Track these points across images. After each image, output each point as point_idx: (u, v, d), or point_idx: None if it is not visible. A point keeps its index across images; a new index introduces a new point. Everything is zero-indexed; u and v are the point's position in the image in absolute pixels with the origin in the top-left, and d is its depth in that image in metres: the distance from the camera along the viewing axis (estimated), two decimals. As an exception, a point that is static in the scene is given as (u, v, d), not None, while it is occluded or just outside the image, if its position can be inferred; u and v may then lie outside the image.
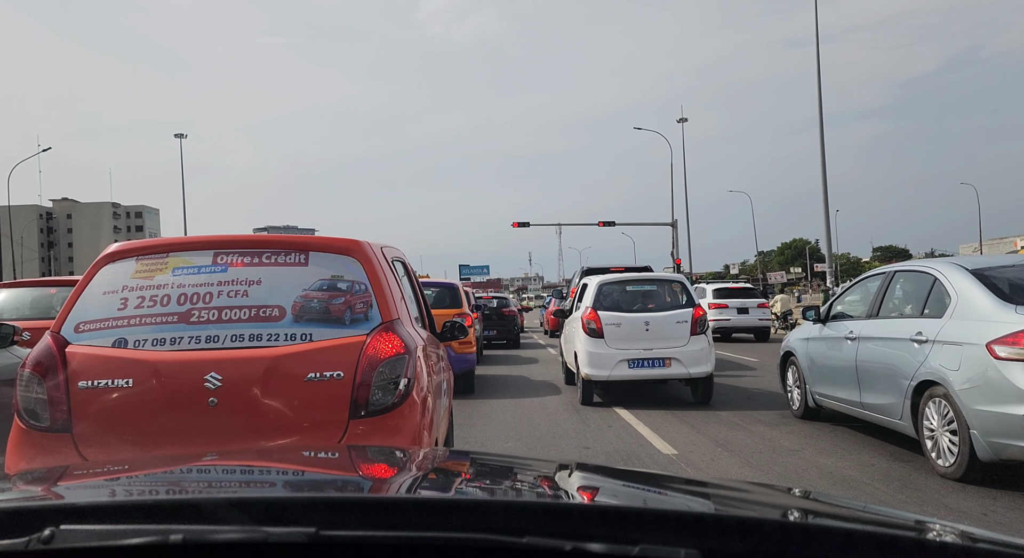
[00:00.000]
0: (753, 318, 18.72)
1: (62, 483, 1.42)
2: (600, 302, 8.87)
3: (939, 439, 4.95)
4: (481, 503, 1.12)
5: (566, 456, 6.02)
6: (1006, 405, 4.36)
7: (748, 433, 6.77)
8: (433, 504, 1.08)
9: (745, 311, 18.65)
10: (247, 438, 2.98)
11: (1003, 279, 4.96)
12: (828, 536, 0.94)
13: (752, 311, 18.73)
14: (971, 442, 4.59)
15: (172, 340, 3.07)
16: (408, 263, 4.69)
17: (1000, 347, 4.44)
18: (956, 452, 4.77)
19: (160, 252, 3.29)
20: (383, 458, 1.80)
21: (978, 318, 4.74)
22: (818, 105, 23.97)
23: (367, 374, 3.05)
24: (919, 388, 5.12)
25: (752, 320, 18.70)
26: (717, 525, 0.96)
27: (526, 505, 1.12)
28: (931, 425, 5.03)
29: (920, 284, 5.58)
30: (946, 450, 4.88)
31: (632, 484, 1.43)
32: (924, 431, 5.12)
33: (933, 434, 5.02)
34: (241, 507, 0.96)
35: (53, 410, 2.98)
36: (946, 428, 4.87)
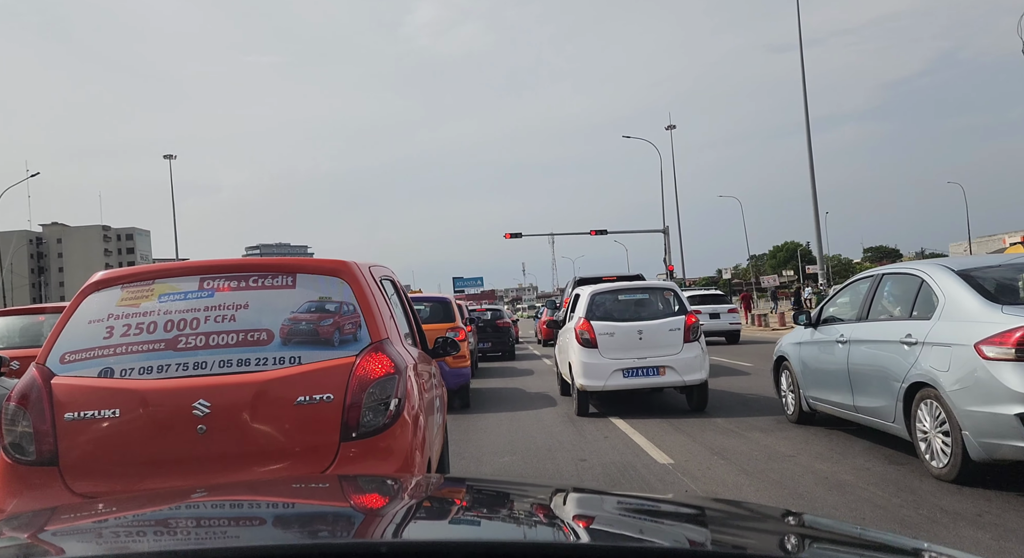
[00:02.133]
0: (724, 322, 20.62)
1: (49, 529, 1.40)
2: (593, 312, 8.87)
3: (932, 441, 4.96)
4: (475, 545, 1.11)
5: (563, 472, 6.00)
6: (996, 405, 4.37)
7: (744, 440, 6.77)
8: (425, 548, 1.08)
9: (717, 316, 20.45)
10: (237, 465, 2.95)
11: (989, 279, 5.00)
12: None
13: (723, 316, 20.67)
14: (963, 443, 4.60)
15: (159, 368, 3.06)
16: (397, 281, 4.69)
17: (988, 347, 4.46)
18: (949, 453, 4.77)
19: (146, 279, 3.28)
20: (374, 491, 1.79)
21: (966, 319, 4.76)
22: (804, 109, 24.17)
23: (357, 395, 3.03)
24: (910, 390, 5.12)
25: (724, 324, 20.59)
26: None
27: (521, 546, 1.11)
28: (924, 427, 5.04)
29: (908, 286, 5.60)
30: (939, 452, 4.89)
31: (627, 513, 1.43)
32: (917, 433, 5.12)
33: (926, 436, 5.03)
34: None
35: (39, 443, 2.95)
36: (938, 429, 4.87)
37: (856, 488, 4.92)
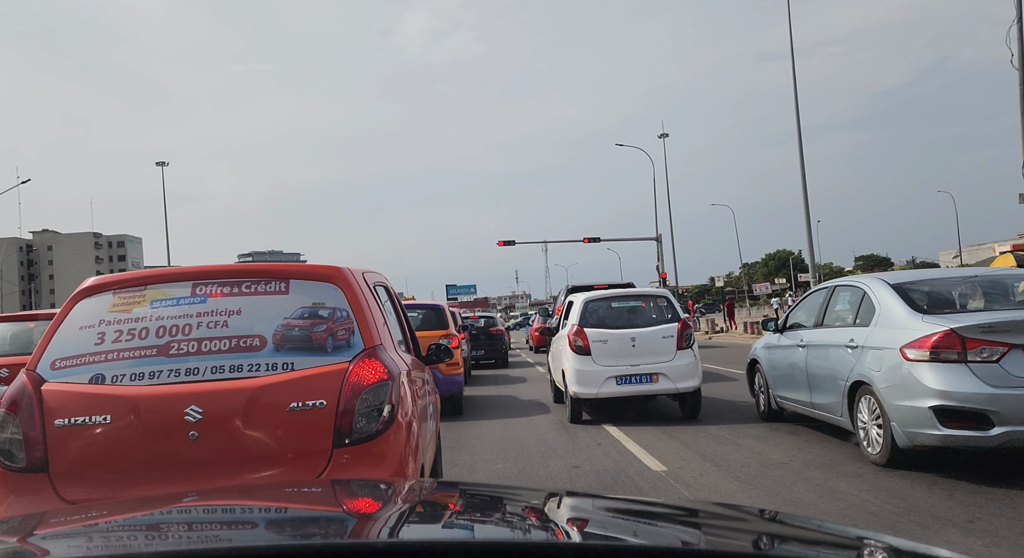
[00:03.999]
0: None
1: (38, 532, 1.39)
2: (586, 319, 8.88)
3: (869, 431, 5.66)
4: (469, 545, 1.11)
5: (556, 478, 5.99)
6: (916, 399, 5.06)
7: (737, 447, 6.78)
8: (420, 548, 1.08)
9: None
10: (230, 471, 2.94)
11: (918, 292, 5.76)
12: None
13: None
14: (892, 433, 5.31)
15: (151, 374, 3.04)
16: (391, 287, 4.69)
17: (910, 350, 5.14)
18: (881, 442, 5.47)
19: (137, 285, 3.27)
20: (368, 494, 1.78)
21: (895, 326, 5.47)
22: (796, 118, 24.35)
23: (350, 402, 3.03)
24: (853, 388, 5.83)
25: None
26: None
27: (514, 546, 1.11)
28: (863, 419, 5.74)
29: (854, 297, 6.33)
30: (874, 440, 5.59)
31: (620, 515, 1.43)
32: (858, 425, 5.84)
33: (864, 427, 5.73)
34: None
35: (29, 450, 2.93)
36: (874, 422, 5.58)
37: (848, 495, 4.94)
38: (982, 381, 4.84)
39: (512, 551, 1.05)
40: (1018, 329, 4.90)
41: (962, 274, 6.51)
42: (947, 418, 4.92)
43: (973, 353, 4.90)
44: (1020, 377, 4.80)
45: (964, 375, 4.88)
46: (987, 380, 4.83)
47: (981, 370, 4.86)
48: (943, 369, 4.96)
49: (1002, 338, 4.88)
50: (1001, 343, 4.87)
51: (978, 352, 4.89)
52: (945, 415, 4.92)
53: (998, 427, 4.77)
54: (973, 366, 4.89)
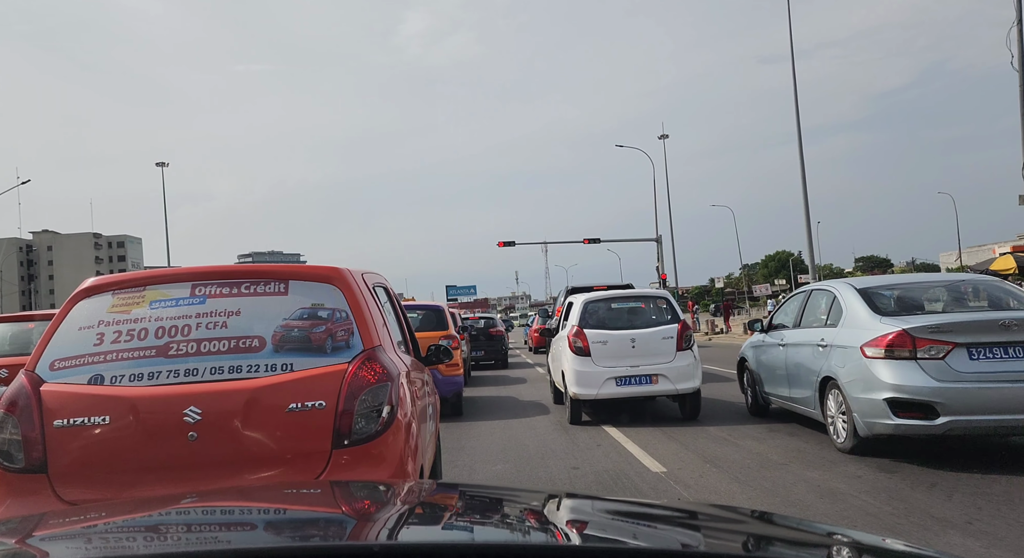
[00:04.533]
0: None
1: (37, 534, 1.39)
2: (586, 320, 8.88)
3: (836, 422, 6.26)
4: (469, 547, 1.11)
5: (555, 479, 5.98)
6: (873, 392, 5.63)
7: (736, 448, 6.77)
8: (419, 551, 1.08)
9: None
10: (229, 472, 2.94)
11: (880, 295, 6.38)
12: None
13: None
14: (854, 423, 5.90)
15: (150, 375, 3.04)
16: (391, 288, 4.69)
17: (868, 348, 5.73)
18: (846, 431, 6.06)
19: (137, 286, 3.26)
20: (367, 496, 1.78)
21: (857, 326, 6.06)
22: (796, 119, 24.35)
23: (350, 403, 3.02)
24: (822, 383, 6.43)
25: None
26: None
27: (514, 549, 1.11)
28: (831, 411, 6.35)
29: (826, 300, 6.91)
30: (840, 430, 6.17)
31: (620, 517, 1.43)
32: (827, 416, 6.43)
33: (832, 418, 6.33)
34: None
35: (28, 451, 2.93)
36: (840, 413, 6.18)
37: (848, 496, 4.93)
38: (929, 376, 5.38)
39: (511, 554, 1.05)
40: (961, 329, 5.44)
41: (925, 279, 7.08)
42: (899, 409, 5.49)
43: (922, 351, 5.45)
44: (962, 372, 5.34)
45: (914, 370, 5.44)
46: (934, 375, 5.37)
47: (929, 366, 5.41)
48: (896, 365, 5.52)
49: (947, 337, 5.43)
50: (946, 342, 5.42)
51: (927, 350, 5.44)
52: (897, 406, 5.49)
53: (943, 417, 5.31)
54: (922, 362, 5.43)
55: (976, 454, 5.91)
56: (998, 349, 5.37)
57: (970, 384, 5.29)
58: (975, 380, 5.31)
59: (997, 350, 5.37)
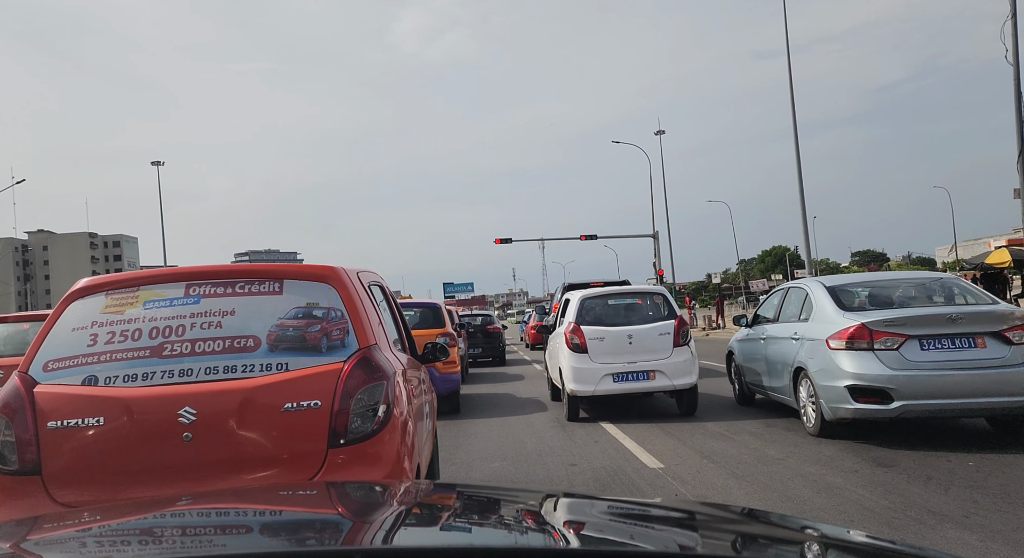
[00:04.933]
0: None
1: (32, 538, 1.38)
2: (583, 317, 8.88)
3: (806, 408, 6.84)
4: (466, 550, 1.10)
5: (553, 477, 5.99)
6: (836, 380, 6.22)
7: (733, 443, 6.78)
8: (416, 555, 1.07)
9: None
10: (224, 472, 2.93)
11: (846, 293, 6.97)
12: None
13: None
14: (821, 408, 6.48)
15: (144, 375, 3.03)
16: (386, 287, 4.68)
17: (832, 341, 6.32)
18: (815, 416, 6.65)
19: (130, 286, 3.25)
20: (363, 497, 1.77)
21: (824, 321, 6.64)
22: (792, 114, 24.37)
23: (345, 402, 3.01)
24: (795, 372, 7.01)
25: None
26: None
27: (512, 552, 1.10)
28: (802, 398, 6.91)
29: (800, 296, 7.49)
30: (810, 415, 6.75)
31: (617, 518, 1.43)
32: (800, 403, 6.99)
33: (804, 404, 6.91)
34: None
35: (22, 452, 2.92)
36: (809, 400, 6.74)
37: (845, 491, 4.94)
38: (884, 365, 5.97)
39: (509, 557, 1.04)
40: (913, 323, 6.03)
41: (890, 277, 7.67)
42: (858, 395, 6.07)
43: (879, 343, 6.04)
44: (914, 361, 5.94)
45: (871, 360, 6.03)
46: (888, 364, 5.97)
47: (884, 356, 6.01)
48: (856, 355, 6.12)
49: (901, 330, 6.02)
50: (900, 334, 6.01)
51: (883, 342, 6.03)
52: (857, 392, 6.07)
53: (897, 402, 5.90)
54: (878, 353, 6.03)
55: (930, 435, 6.49)
56: (946, 340, 5.98)
57: (921, 372, 5.89)
58: (925, 368, 5.90)
59: (945, 341, 5.98)
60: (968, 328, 5.96)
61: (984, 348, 5.92)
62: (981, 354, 5.91)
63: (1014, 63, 14.41)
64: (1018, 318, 6.03)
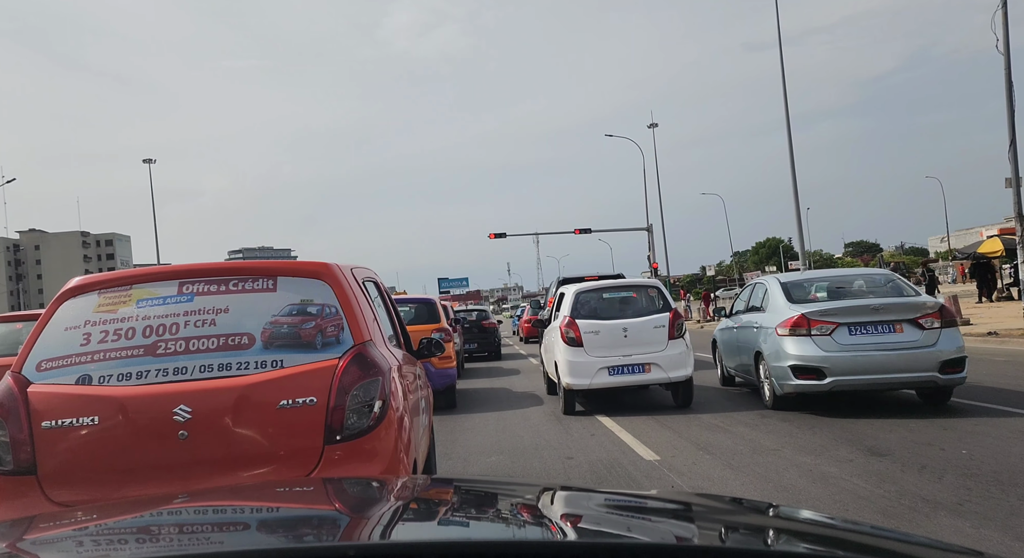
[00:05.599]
0: None
1: (28, 537, 1.38)
2: (578, 310, 8.88)
3: (763, 385, 8.05)
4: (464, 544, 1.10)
5: (550, 470, 6.00)
6: (782, 361, 7.42)
7: (729, 434, 6.81)
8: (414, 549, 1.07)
9: None
10: (220, 470, 2.93)
11: (797, 287, 8.13)
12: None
13: None
14: (772, 385, 7.72)
15: (138, 374, 3.02)
16: (381, 282, 4.67)
17: (779, 328, 7.53)
18: (769, 392, 7.86)
19: (123, 285, 3.23)
20: (360, 493, 1.77)
21: (776, 311, 7.83)
22: (784, 106, 24.38)
23: (341, 398, 3.01)
24: (756, 356, 8.19)
25: None
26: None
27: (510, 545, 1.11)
28: (761, 378, 8.12)
29: (762, 291, 8.70)
30: (766, 392, 7.96)
31: (614, 510, 1.43)
32: (760, 381, 8.17)
33: (761, 383, 8.13)
34: None
35: (16, 452, 2.91)
36: (766, 379, 7.92)
37: (840, 480, 4.97)
38: (819, 347, 7.16)
39: (508, 550, 1.04)
40: (844, 313, 7.21)
41: (835, 274, 9.38)
42: (798, 373, 7.26)
43: (815, 329, 7.22)
44: (843, 344, 7.11)
45: (809, 344, 7.22)
46: (822, 347, 7.16)
47: (819, 340, 7.20)
48: (796, 340, 7.31)
49: (833, 318, 7.20)
50: (833, 322, 7.18)
51: (819, 328, 7.21)
52: (797, 371, 7.27)
53: (829, 378, 7.09)
54: (815, 338, 7.22)
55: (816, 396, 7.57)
56: (870, 326, 7.13)
57: (849, 353, 7.07)
58: (852, 350, 7.07)
59: (869, 327, 7.13)
60: (888, 316, 7.12)
61: (901, 333, 7.09)
62: (899, 337, 7.06)
63: (1005, 53, 14.43)
64: (929, 307, 7.17)
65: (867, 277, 8.72)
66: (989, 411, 7.02)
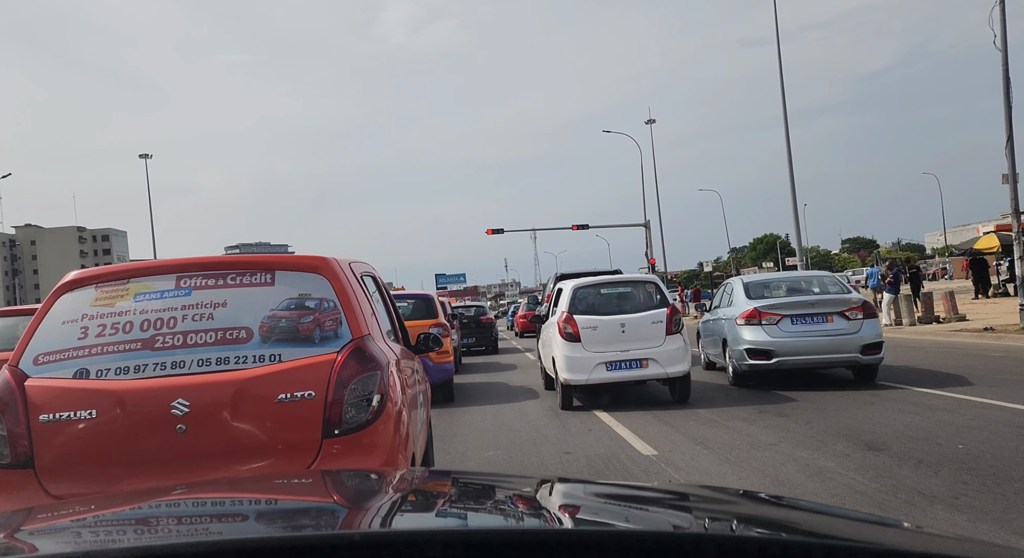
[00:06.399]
0: None
1: (26, 528, 1.37)
2: (576, 306, 8.89)
3: (728, 366, 9.90)
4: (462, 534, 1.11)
5: (547, 465, 6.01)
6: (739, 346, 9.32)
7: (726, 429, 6.83)
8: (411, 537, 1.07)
9: None
10: (218, 464, 2.92)
11: (755, 286, 10.14)
12: None
13: None
14: (733, 366, 9.64)
15: (136, 368, 3.01)
16: (379, 277, 4.66)
17: (738, 319, 9.42)
18: (731, 372, 9.79)
19: (120, 278, 3.22)
20: (358, 485, 1.77)
21: (737, 306, 9.78)
22: (782, 102, 24.37)
23: (339, 392, 3.01)
24: (723, 343, 10.06)
25: None
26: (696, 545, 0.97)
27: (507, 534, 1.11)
28: (726, 360, 9.96)
29: (730, 289, 10.62)
30: (729, 372, 9.87)
31: (612, 501, 1.43)
32: (726, 363, 9.99)
33: (726, 364, 10.00)
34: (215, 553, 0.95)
35: (14, 446, 2.90)
36: (729, 361, 9.78)
37: (837, 474, 4.99)
38: (767, 334, 9.06)
39: (505, 539, 1.05)
40: (787, 307, 9.19)
41: (786, 276, 11.56)
42: (751, 355, 9.14)
43: (765, 320, 9.11)
44: (786, 331, 9.05)
45: (759, 331, 9.12)
46: (770, 334, 9.06)
47: (768, 329, 9.08)
48: (750, 328, 9.20)
49: (779, 311, 9.14)
50: (778, 314, 9.12)
51: (768, 319, 9.10)
52: (750, 353, 9.14)
53: (775, 358, 9.00)
54: (764, 326, 9.10)
55: (766, 373, 9.24)
56: (808, 318, 9.06)
57: (791, 338, 8.99)
58: (794, 336, 9.00)
59: (807, 318, 9.07)
60: (822, 309, 9.07)
61: (832, 322, 8.98)
62: (830, 326, 8.97)
63: (1002, 49, 14.43)
64: (853, 302, 9.17)
65: (813, 278, 10.80)
66: (985, 406, 7.05)
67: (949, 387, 8.23)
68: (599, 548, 0.95)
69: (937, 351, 12.44)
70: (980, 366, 9.94)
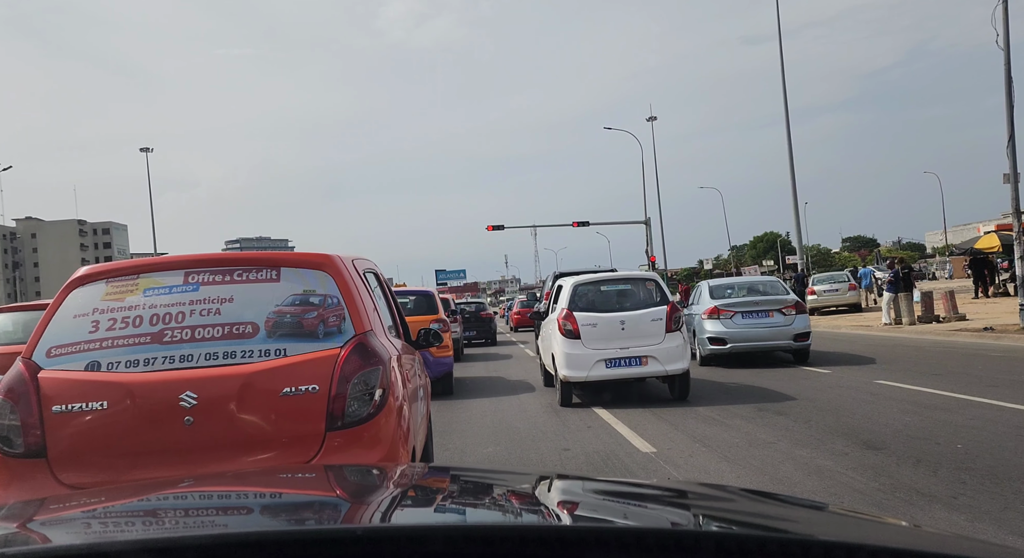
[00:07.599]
0: None
1: (38, 518, 1.40)
2: (576, 303, 8.91)
3: (697, 352, 12.26)
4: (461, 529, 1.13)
5: (546, 461, 6.05)
6: (704, 334, 12.01)
7: (725, 427, 6.86)
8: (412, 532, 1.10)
9: None
10: (224, 455, 2.98)
11: (718, 288, 13.06)
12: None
13: None
14: (699, 351, 12.23)
15: (145, 361, 3.07)
16: (381, 274, 4.71)
17: (703, 314, 12.10)
18: (699, 355, 12.18)
19: (130, 274, 3.29)
20: (361, 479, 1.80)
21: (703, 304, 12.51)
22: (783, 100, 24.37)
23: (342, 386, 3.06)
24: (694, 333, 12.26)
25: None
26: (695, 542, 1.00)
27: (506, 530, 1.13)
28: (696, 346, 12.26)
29: (699, 290, 13.49)
30: (698, 356, 12.19)
31: (610, 497, 1.46)
32: (695, 349, 12.20)
33: (695, 349, 12.14)
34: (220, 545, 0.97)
35: (27, 436, 2.97)
36: (697, 347, 12.25)
37: (835, 473, 5.02)
38: (723, 326, 11.79)
39: (505, 535, 1.07)
40: (738, 306, 11.98)
41: (742, 280, 14.35)
42: (712, 342, 11.85)
43: (723, 315, 11.87)
44: (738, 324, 11.76)
45: (717, 323, 11.85)
46: (725, 325, 11.79)
47: (724, 321, 11.82)
48: (711, 321, 11.93)
49: (732, 308, 11.94)
50: (732, 310, 11.90)
51: (725, 314, 11.86)
52: (711, 341, 11.86)
53: (729, 344, 11.72)
54: (722, 319, 11.84)
55: (722, 356, 11.82)
56: (755, 314, 11.85)
57: (741, 329, 11.73)
58: (743, 327, 11.75)
59: (754, 314, 11.84)
60: (765, 307, 11.91)
61: (773, 317, 11.80)
62: (771, 320, 11.79)
63: (1005, 48, 14.42)
64: (789, 302, 12.00)
65: (764, 283, 13.74)
66: (985, 406, 7.08)
67: (948, 387, 8.26)
68: (598, 544, 0.97)
69: (937, 350, 12.47)
70: (980, 366, 9.97)
